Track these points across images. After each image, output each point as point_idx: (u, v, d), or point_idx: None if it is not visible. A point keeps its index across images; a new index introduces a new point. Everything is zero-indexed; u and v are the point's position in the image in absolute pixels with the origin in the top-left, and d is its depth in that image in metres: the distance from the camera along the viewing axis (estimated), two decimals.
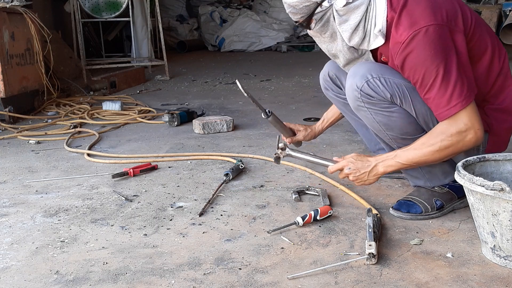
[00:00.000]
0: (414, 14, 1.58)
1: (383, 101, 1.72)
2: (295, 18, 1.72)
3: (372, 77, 1.70)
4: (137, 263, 1.52)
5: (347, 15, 1.65)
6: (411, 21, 1.57)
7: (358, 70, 1.74)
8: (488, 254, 1.50)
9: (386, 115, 1.74)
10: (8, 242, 1.69)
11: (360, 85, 1.72)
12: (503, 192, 1.35)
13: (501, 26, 6.07)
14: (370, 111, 1.75)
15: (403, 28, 1.58)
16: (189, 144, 2.87)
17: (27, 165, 2.56)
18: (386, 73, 1.71)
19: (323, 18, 1.69)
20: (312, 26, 1.72)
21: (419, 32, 1.55)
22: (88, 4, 5.62)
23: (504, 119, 1.73)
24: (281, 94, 4.55)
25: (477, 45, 1.65)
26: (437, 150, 1.62)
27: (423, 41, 1.55)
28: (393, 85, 1.70)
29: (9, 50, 3.59)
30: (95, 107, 3.95)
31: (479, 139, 1.59)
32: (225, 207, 1.94)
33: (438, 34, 1.55)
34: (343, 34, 1.69)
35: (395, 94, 1.70)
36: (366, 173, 1.73)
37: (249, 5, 10.43)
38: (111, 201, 2.02)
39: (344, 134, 2.96)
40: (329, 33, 1.72)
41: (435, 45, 1.55)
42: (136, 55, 6.46)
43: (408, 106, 1.71)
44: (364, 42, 1.70)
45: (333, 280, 1.40)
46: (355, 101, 1.76)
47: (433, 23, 1.55)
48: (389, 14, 1.63)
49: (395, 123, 1.74)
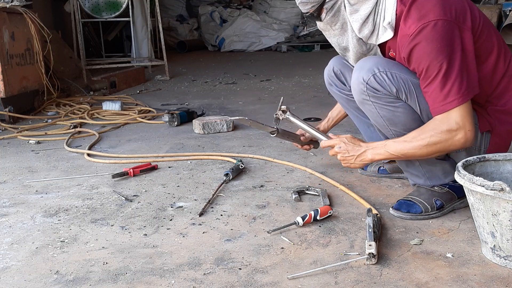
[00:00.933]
0: (423, 8, 1.59)
1: (389, 95, 1.72)
2: (306, 8, 1.73)
3: (379, 71, 1.71)
4: (137, 263, 1.52)
5: (358, 5, 1.68)
6: (420, 15, 1.59)
7: (365, 64, 1.74)
8: (488, 254, 1.50)
9: (390, 110, 1.74)
10: (8, 242, 1.69)
11: (366, 78, 1.72)
12: (503, 192, 1.35)
13: (501, 26, 6.08)
14: (375, 105, 1.76)
15: (412, 21, 1.60)
16: (189, 144, 2.87)
17: (27, 165, 2.56)
18: (393, 68, 1.72)
19: (334, 7, 1.71)
20: (322, 17, 1.74)
21: (428, 25, 1.56)
22: (88, 4, 5.62)
23: (506, 120, 1.73)
24: (281, 94, 4.52)
25: (484, 45, 1.65)
26: (425, 145, 1.63)
27: (430, 34, 1.56)
28: (400, 80, 1.70)
29: (9, 50, 3.59)
30: (95, 107, 3.96)
31: (468, 140, 1.60)
32: (225, 207, 1.94)
33: (446, 29, 1.56)
34: (353, 24, 1.70)
35: (401, 89, 1.71)
36: (354, 157, 1.80)
37: (249, 5, 10.44)
38: (111, 201, 2.02)
39: (344, 134, 2.95)
40: (340, 23, 1.74)
41: (442, 39, 1.56)
42: (136, 55, 6.46)
43: (413, 102, 1.72)
44: (373, 36, 1.72)
45: (333, 280, 1.40)
46: (360, 94, 1.76)
47: (442, 18, 1.56)
48: (399, 7, 1.65)
49: (399, 118, 1.75)
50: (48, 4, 6.39)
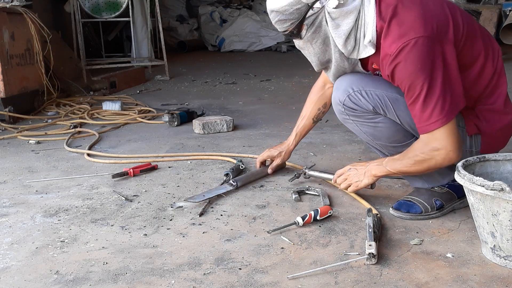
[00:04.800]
0: (403, 25, 1.56)
1: (367, 113, 1.75)
2: (284, 26, 1.66)
3: (353, 91, 1.73)
4: (137, 263, 1.52)
5: (340, 20, 1.62)
6: (400, 32, 1.56)
7: (341, 84, 1.77)
8: (488, 254, 1.50)
9: (371, 125, 1.78)
10: (8, 242, 1.69)
11: (342, 99, 1.75)
12: (503, 192, 1.35)
13: (501, 26, 6.07)
14: (356, 123, 1.80)
15: (392, 40, 1.57)
16: (189, 144, 2.87)
17: (27, 165, 2.56)
18: (368, 85, 1.73)
19: (315, 22, 1.65)
20: (303, 34, 1.67)
21: (408, 43, 1.54)
22: (88, 4, 5.61)
23: (496, 119, 1.73)
24: (281, 94, 4.55)
25: (469, 53, 1.65)
26: (414, 164, 1.66)
27: (411, 54, 1.54)
28: (375, 97, 1.72)
29: (9, 50, 3.59)
30: (95, 107, 3.95)
31: (451, 159, 1.62)
32: (225, 207, 1.94)
33: (427, 47, 1.54)
34: (337, 40, 1.65)
35: (377, 106, 1.73)
36: (362, 174, 1.81)
37: (249, 5, 10.42)
38: (111, 201, 2.02)
39: (344, 134, 2.96)
40: (322, 39, 1.68)
41: (423, 58, 1.54)
42: (136, 55, 6.45)
43: (392, 115, 1.75)
44: (354, 51, 1.69)
45: (333, 280, 1.40)
46: (340, 114, 1.81)
47: (422, 35, 1.53)
48: (378, 23, 1.61)
49: (381, 132, 1.78)
50: (48, 4, 6.38)
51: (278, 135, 2.99)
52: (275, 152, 2.23)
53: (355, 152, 2.60)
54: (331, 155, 2.58)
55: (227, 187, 2.06)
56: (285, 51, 8.61)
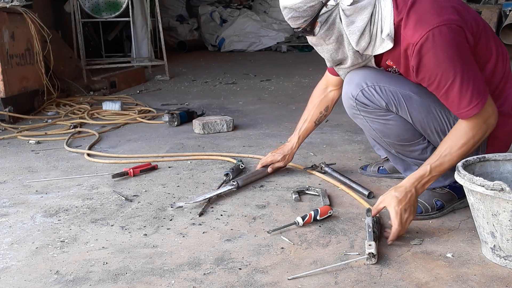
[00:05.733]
0: (424, 15, 1.54)
1: (379, 109, 1.72)
2: (298, 23, 1.61)
3: (367, 86, 1.69)
4: (137, 263, 1.52)
5: (354, 16, 1.58)
6: (422, 21, 1.53)
7: (353, 78, 1.72)
8: (488, 254, 1.50)
9: (382, 122, 1.75)
10: (8, 242, 1.69)
11: (355, 93, 1.72)
12: (503, 192, 1.35)
13: (501, 26, 6.08)
14: (366, 119, 1.76)
15: (415, 29, 1.53)
16: (189, 144, 2.87)
17: (27, 165, 2.56)
18: (381, 80, 1.70)
19: (329, 19, 1.61)
20: (316, 31, 1.63)
21: (433, 32, 1.50)
22: (88, 4, 5.61)
23: (503, 121, 1.72)
24: (281, 94, 4.55)
25: (483, 51, 1.63)
26: (472, 147, 1.60)
27: (437, 42, 1.50)
28: (388, 93, 1.69)
29: (9, 50, 3.59)
30: (95, 107, 3.95)
31: (497, 118, 1.62)
32: (225, 207, 1.94)
33: (453, 32, 1.52)
34: (350, 37, 1.61)
35: (390, 102, 1.70)
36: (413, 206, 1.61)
37: (249, 5, 10.42)
38: (111, 201, 2.02)
39: (344, 134, 2.96)
40: (335, 37, 1.64)
41: (452, 44, 1.51)
42: (136, 55, 6.45)
43: (404, 113, 1.71)
44: (369, 47, 1.64)
45: (333, 280, 1.40)
46: (350, 109, 1.78)
47: (445, 22, 1.51)
48: (396, 17, 1.58)
49: (391, 130, 1.75)
50: (48, 4, 6.38)
51: (278, 135, 2.99)
52: (278, 156, 2.22)
53: (355, 152, 2.60)
54: (331, 155, 2.58)
55: (228, 187, 2.06)
56: (285, 51, 8.60)
